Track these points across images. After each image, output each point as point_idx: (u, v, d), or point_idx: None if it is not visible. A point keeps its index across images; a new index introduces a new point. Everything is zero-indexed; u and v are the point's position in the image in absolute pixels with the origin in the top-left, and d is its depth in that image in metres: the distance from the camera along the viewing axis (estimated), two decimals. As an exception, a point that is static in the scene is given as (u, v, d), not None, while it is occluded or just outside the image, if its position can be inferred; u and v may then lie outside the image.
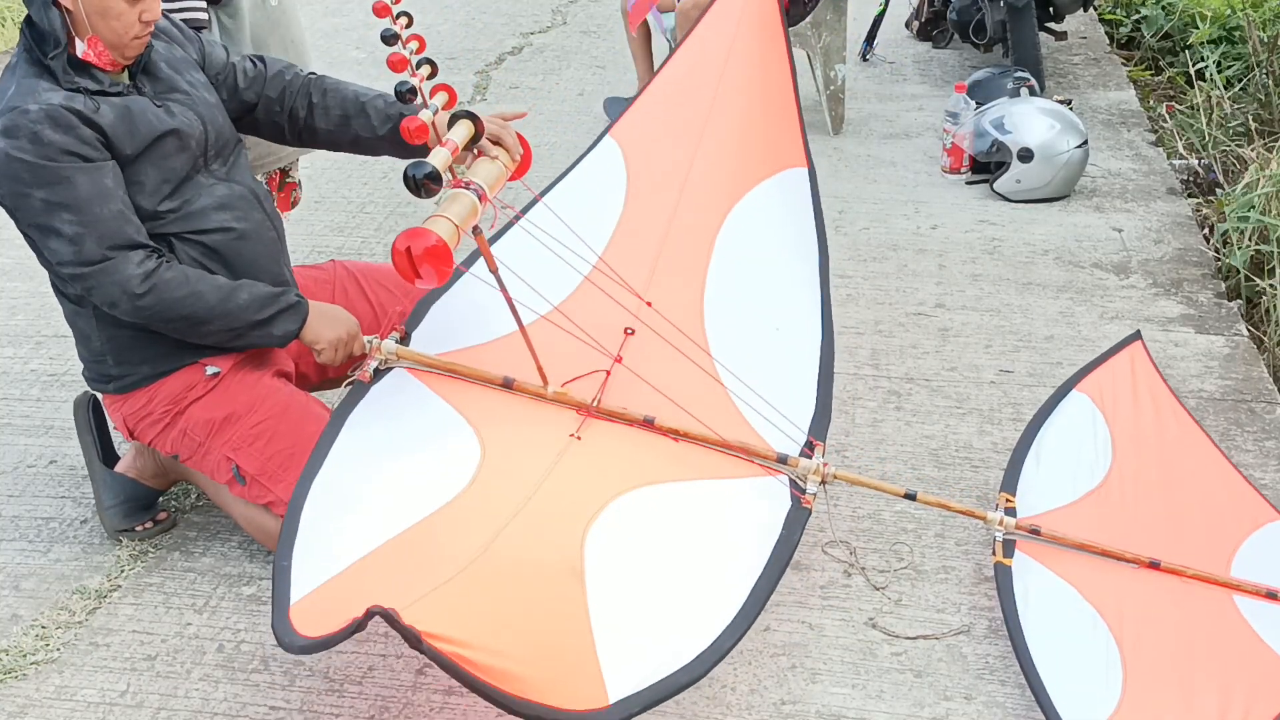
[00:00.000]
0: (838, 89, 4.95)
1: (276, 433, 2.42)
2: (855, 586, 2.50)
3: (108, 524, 2.62)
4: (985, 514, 2.43)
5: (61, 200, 2.23)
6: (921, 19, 6.17)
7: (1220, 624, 2.30)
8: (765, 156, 2.94)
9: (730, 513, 2.30)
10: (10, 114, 2.22)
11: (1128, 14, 6.21)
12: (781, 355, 2.64)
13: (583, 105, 5.39)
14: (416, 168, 2.13)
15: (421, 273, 2.14)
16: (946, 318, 3.57)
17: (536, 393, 2.39)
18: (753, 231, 2.81)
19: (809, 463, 2.37)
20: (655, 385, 2.41)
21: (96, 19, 2.27)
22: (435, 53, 6.15)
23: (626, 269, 2.58)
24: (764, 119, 2.97)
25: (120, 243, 2.28)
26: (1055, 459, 2.60)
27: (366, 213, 4.28)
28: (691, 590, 2.13)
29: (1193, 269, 3.85)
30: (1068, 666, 2.16)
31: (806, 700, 2.21)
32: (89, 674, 2.28)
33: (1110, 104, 5.33)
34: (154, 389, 2.44)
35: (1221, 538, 2.47)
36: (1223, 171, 4.45)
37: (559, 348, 2.42)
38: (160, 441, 2.48)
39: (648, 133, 2.96)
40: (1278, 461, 2.89)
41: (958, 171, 4.56)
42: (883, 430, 3.02)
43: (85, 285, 2.29)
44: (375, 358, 2.43)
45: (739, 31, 2.99)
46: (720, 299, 2.67)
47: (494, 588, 1.96)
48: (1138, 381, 2.81)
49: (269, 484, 2.41)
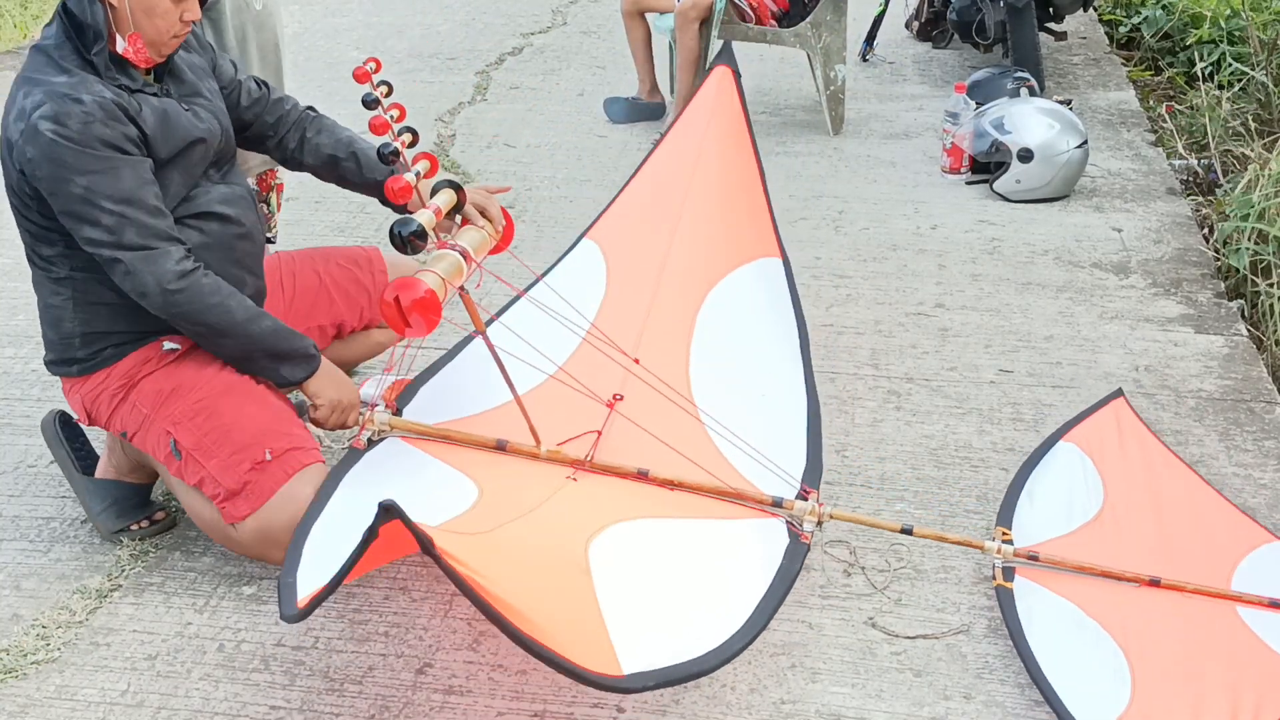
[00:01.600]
0: (838, 89, 4.96)
1: (216, 410, 2.41)
2: (855, 586, 2.50)
3: (102, 528, 2.62)
4: (983, 543, 2.46)
5: (104, 189, 2.26)
6: (921, 19, 6.18)
7: (1225, 632, 2.30)
8: (739, 246, 3.03)
9: (730, 544, 2.34)
10: (61, 100, 2.24)
11: (1128, 14, 6.21)
12: (770, 418, 2.69)
13: (583, 105, 5.39)
14: (403, 225, 2.19)
15: (410, 321, 2.18)
16: (946, 318, 3.57)
17: (530, 453, 2.45)
18: (732, 310, 2.88)
19: (804, 504, 2.42)
20: (647, 444, 2.45)
21: (140, 15, 2.30)
22: (435, 52, 6.16)
23: (608, 354, 2.62)
24: (735, 214, 3.06)
25: (160, 234, 2.32)
26: (1047, 499, 2.64)
27: (367, 213, 4.28)
28: (697, 600, 2.16)
29: (1192, 269, 3.85)
30: (1075, 675, 2.17)
31: (806, 699, 2.21)
32: (89, 673, 2.29)
33: (1110, 104, 5.33)
34: (113, 367, 2.46)
35: (1219, 559, 2.48)
36: (1222, 171, 4.45)
37: (547, 416, 2.48)
38: (114, 420, 2.48)
39: (624, 232, 3.04)
40: (1278, 461, 2.89)
41: (958, 171, 4.56)
42: (883, 430, 3.02)
43: (121, 269, 2.31)
44: (369, 428, 2.50)
45: (707, 135, 3.08)
46: (705, 372, 2.72)
47: (505, 560, 1.97)
48: (1123, 432, 2.86)
49: (202, 459, 2.38)
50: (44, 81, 2.27)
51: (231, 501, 2.36)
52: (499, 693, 2.22)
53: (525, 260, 3.92)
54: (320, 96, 5.40)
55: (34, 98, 2.26)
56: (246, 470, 2.35)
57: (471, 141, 5.00)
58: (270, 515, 2.34)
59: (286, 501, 2.34)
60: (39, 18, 6.61)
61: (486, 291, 3.08)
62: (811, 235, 4.10)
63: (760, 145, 4.88)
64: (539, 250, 3.99)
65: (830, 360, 3.33)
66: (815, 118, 5.18)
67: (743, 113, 3.16)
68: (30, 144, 2.25)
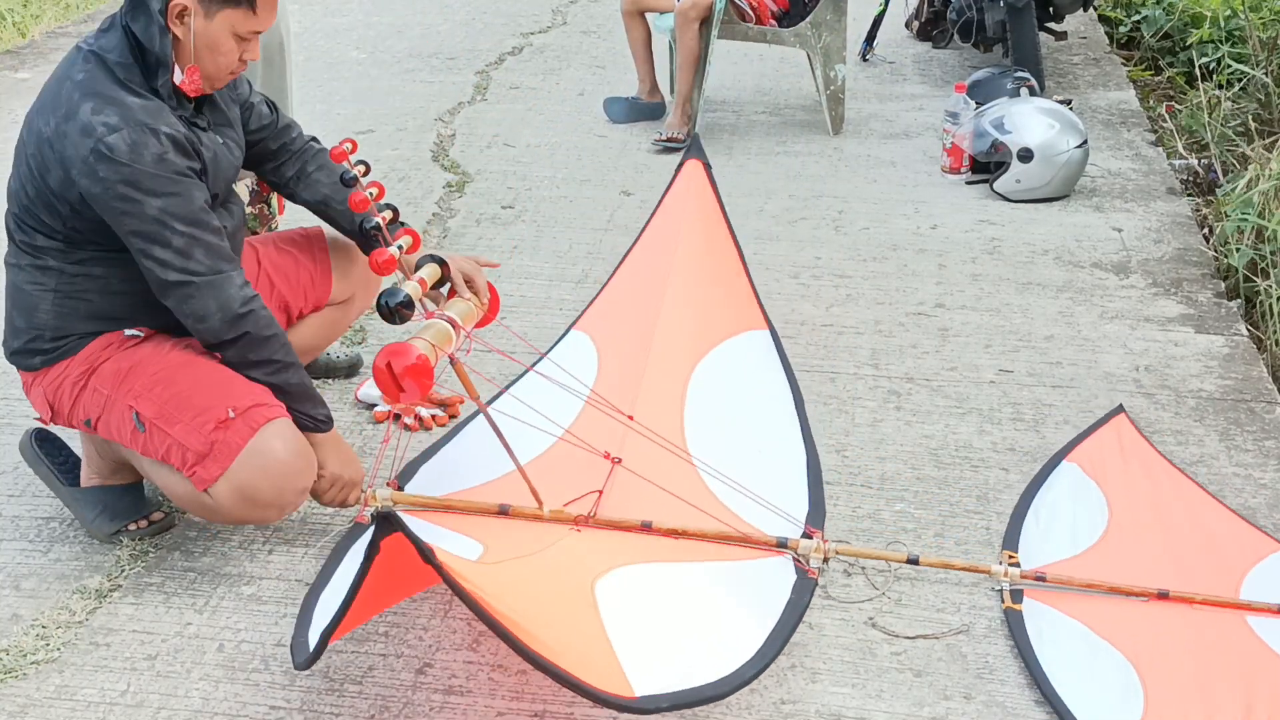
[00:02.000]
0: (838, 89, 4.96)
1: (175, 379, 2.40)
2: (855, 586, 2.50)
3: (99, 533, 2.61)
4: (990, 568, 2.46)
5: (176, 211, 2.28)
6: (921, 19, 6.18)
7: (1235, 642, 2.30)
8: (724, 322, 3.07)
9: (737, 581, 2.35)
10: (139, 130, 2.25)
11: (1128, 14, 6.21)
12: (769, 469, 2.71)
13: (583, 105, 5.39)
14: (390, 295, 2.24)
15: (404, 387, 2.20)
16: (946, 317, 3.57)
17: (533, 515, 2.47)
18: (723, 377, 2.91)
19: (809, 543, 2.44)
20: (648, 502, 2.47)
21: (204, 51, 2.32)
22: (435, 52, 6.16)
23: (603, 423, 2.64)
24: (718, 294, 3.12)
25: (224, 259, 2.34)
26: (1053, 521, 2.64)
27: (366, 213, 4.28)
28: (706, 632, 2.17)
29: (1192, 269, 3.85)
30: (1088, 694, 2.17)
31: (806, 700, 2.21)
32: (89, 674, 2.28)
33: (1110, 104, 5.33)
34: (74, 357, 2.45)
35: (1227, 570, 2.48)
36: (1222, 171, 4.45)
37: (547, 482, 2.49)
38: (76, 409, 2.46)
39: (612, 319, 3.10)
40: (1278, 461, 2.89)
41: (958, 171, 4.56)
42: (883, 430, 3.02)
43: (184, 293, 2.31)
44: (370, 505, 2.53)
45: (683, 227, 3.14)
46: (700, 434, 2.73)
47: (511, 585, 1.97)
48: (1125, 448, 2.87)
49: (165, 427, 2.36)
50: (115, 100, 2.26)
51: (201, 465, 2.33)
52: (499, 693, 2.21)
53: (525, 260, 3.93)
54: (320, 97, 5.40)
55: (106, 117, 2.24)
56: (211, 430, 2.33)
57: (471, 141, 4.99)
58: (242, 472, 2.33)
59: (255, 456, 2.33)
60: (39, 18, 6.61)
61: (479, 360, 3.09)
62: (811, 235, 4.10)
63: (760, 145, 4.91)
64: (538, 250, 3.99)
65: (830, 360, 3.33)
66: (815, 118, 5.18)
67: (717, 203, 3.23)
68: (102, 163, 2.23)
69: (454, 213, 4.30)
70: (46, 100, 2.35)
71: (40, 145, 2.32)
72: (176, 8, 2.29)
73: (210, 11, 2.30)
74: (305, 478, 2.42)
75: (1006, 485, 2.79)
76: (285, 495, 2.39)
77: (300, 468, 2.40)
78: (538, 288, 3.70)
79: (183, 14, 2.29)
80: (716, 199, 3.24)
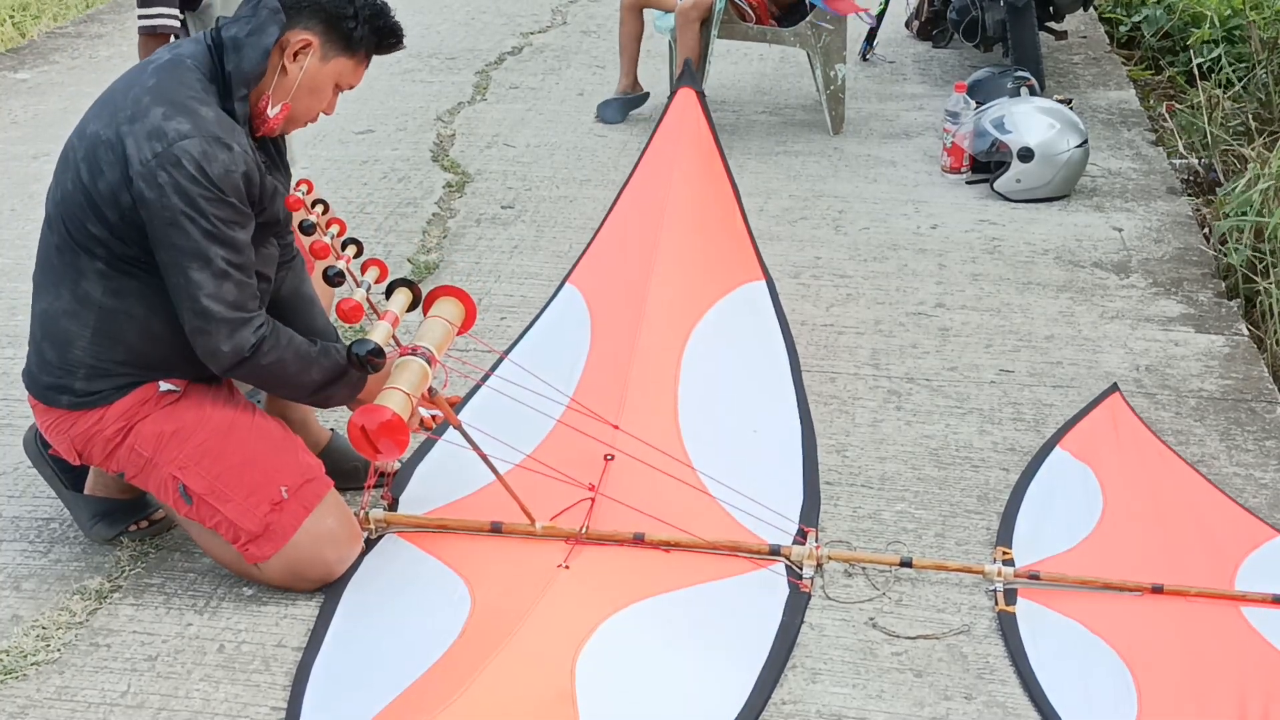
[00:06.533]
0: (838, 89, 4.96)
1: (222, 451, 2.36)
2: (856, 586, 2.50)
3: (96, 537, 2.61)
4: (983, 568, 2.46)
5: (225, 236, 2.22)
6: (921, 19, 6.18)
7: (1230, 635, 2.30)
8: (719, 275, 3.04)
9: (728, 612, 2.35)
10: (213, 143, 2.19)
11: (1128, 13, 6.21)
12: (763, 454, 2.70)
13: (583, 105, 5.39)
14: (360, 345, 2.21)
15: (380, 447, 2.19)
16: (946, 317, 3.57)
17: (526, 531, 2.48)
18: (717, 347, 2.89)
19: (802, 549, 2.46)
20: (641, 503, 2.47)
21: (304, 92, 2.31)
22: (435, 52, 6.16)
23: (598, 401, 2.65)
24: (713, 241, 3.08)
25: (249, 299, 2.28)
26: (1046, 512, 2.64)
27: (366, 213, 4.28)
28: (690, 695, 2.16)
29: (1193, 268, 3.85)
30: (1080, 697, 2.17)
31: (807, 700, 2.21)
32: (89, 674, 2.28)
33: (1110, 103, 5.33)
34: (108, 409, 2.37)
35: (1222, 558, 2.48)
36: (1223, 171, 4.45)
37: (542, 487, 2.50)
38: (110, 462, 2.42)
39: (604, 273, 3.07)
40: (1278, 461, 2.89)
41: (958, 171, 4.56)
42: (883, 430, 3.02)
43: (200, 326, 2.25)
44: (366, 528, 2.53)
45: (676, 163, 3.10)
46: (694, 414, 2.73)
47: None
48: (1120, 430, 2.86)
49: (217, 504, 2.35)
50: (191, 110, 2.21)
51: (255, 544, 2.36)
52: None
53: (525, 260, 3.92)
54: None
55: (178, 124, 2.18)
56: (266, 512, 2.35)
57: (471, 141, 4.99)
58: (295, 552, 2.38)
59: (310, 537, 2.38)
60: (39, 18, 6.61)
61: (478, 358, 3.10)
62: (811, 235, 4.10)
63: (760, 145, 4.91)
64: (538, 250, 3.99)
65: (830, 360, 3.33)
66: (815, 117, 5.18)
67: (710, 133, 3.16)
68: (165, 168, 2.17)
69: (454, 213, 4.30)
70: (106, 106, 2.28)
71: (95, 147, 2.24)
72: (299, 42, 2.26)
73: (328, 55, 2.29)
74: (353, 548, 2.46)
75: (1007, 485, 2.78)
76: (333, 568, 2.43)
77: (348, 539, 2.45)
78: (538, 288, 3.70)
79: (300, 51, 2.26)
80: (710, 131, 3.16)
